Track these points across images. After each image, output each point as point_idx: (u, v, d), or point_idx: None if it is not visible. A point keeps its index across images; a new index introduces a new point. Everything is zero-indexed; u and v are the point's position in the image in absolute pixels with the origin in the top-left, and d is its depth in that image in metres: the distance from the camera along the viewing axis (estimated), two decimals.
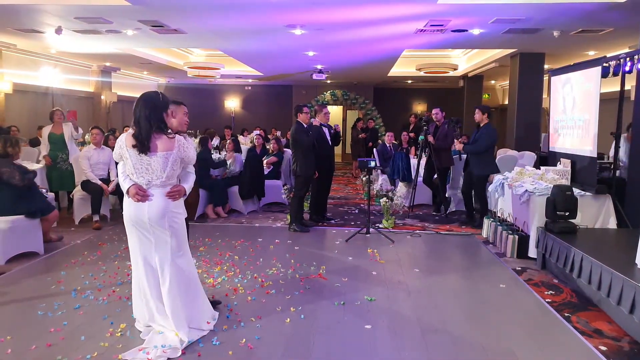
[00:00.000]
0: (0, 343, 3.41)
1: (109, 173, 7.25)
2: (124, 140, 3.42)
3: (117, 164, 3.68)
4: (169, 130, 3.47)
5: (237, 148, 8.73)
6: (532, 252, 5.60)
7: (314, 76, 13.79)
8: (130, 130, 3.43)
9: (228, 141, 9.14)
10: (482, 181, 7.09)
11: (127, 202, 3.46)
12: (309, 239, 6.59)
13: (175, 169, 3.46)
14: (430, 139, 7.88)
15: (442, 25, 8.08)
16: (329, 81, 17.52)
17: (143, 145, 3.34)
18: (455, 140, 7.71)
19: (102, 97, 14.42)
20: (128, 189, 3.42)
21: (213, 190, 7.78)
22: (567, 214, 5.11)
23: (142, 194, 3.38)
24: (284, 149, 9.49)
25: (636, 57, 5.45)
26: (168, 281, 3.46)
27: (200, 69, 13.87)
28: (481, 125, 7.20)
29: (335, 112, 17.40)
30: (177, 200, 3.51)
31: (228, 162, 8.39)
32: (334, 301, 4.27)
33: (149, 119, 3.35)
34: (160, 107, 3.43)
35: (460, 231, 7.06)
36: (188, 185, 3.60)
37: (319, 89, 18.77)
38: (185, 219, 3.66)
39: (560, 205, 5.10)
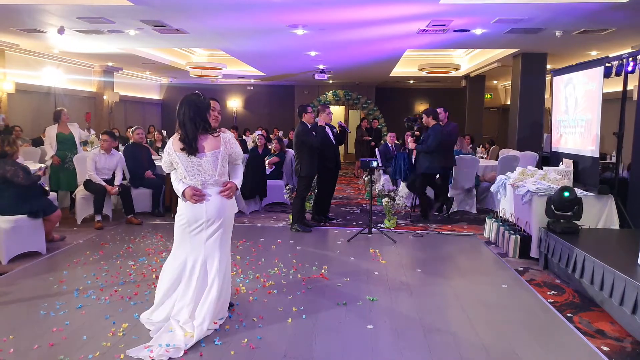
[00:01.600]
0: (3, 342, 3.41)
1: (113, 176, 7.27)
2: (171, 146, 3.51)
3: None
4: (214, 129, 3.58)
5: (243, 149, 8.75)
6: (534, 252, 5.59)
7: (316, 76, 13.79)
8: (176, 135, 3.52)
9: None
10: (427, 178, 7.63)
11: (185, 206, 3.55)
12: (311, 239, 6.59)
13: (225, 165, 3.59)
14: (410, 141, 7.86)
15: (444, 25, 8.08)
16: (331, 81, 17.52)
17: (191, 147, 3.44)
18: (410, 139, 8.00)
19: (105, 97, 14.44)
20: (183, 191, 3.51)
21: None
22: (568, 213, 5.10)
23: (199, 195, 3.49)
24: (286, 149, 9.50)
25: (639, 57, 5.44)
26: (214, 277, 3.57)
27: (203, 69, 13.87)
28: (429, 127, 7.49)
29: (337, 112, 17.39)
30: (232, 197, 3.64)
31: None
32: (335, 301, 4.27)
33: (193, 120, 3.44)
34: (203, 108, 3.53)
35: (462, 231, 7.06)
36: (239, 180, 3.73)
37: (321, 89, 18.77)
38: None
39: (557, 204, 5.11)
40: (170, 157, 3.56)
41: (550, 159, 7.49)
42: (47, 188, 6.37)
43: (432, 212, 8.06)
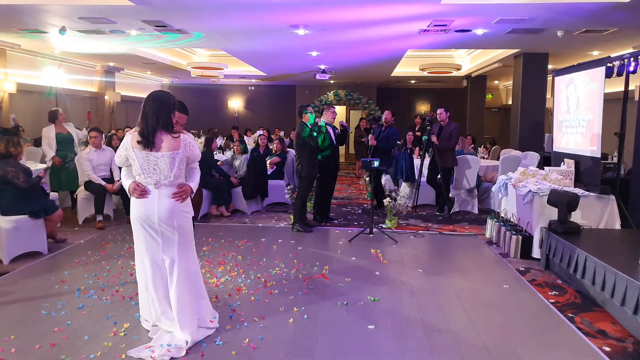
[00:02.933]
0: (5, 342, 3.42)
1: (111, 173, 7.27)
2: (129, 142, 3.40)
3: (120, 169, 3.70)
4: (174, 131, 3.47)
5: (244, 150, 8.76)
6: (536, 252, 5.59)
7: (317, 76, 13.79)
8: (135, 129, 3.42)
9: (236, 142, 9.17)
10: (381, 173, 8.30)
11: (136, 202, 3.45)
12: (312, 239, 6.59)
13: (182, 167, 3.47)
14: (434, 139, 7.88)
15: (445, 25, 8.07)
16: (332, 81, 17.52)
17: (148, 141, 3.32)
18: (370, 136, 8.27)
19: (106, 97, 14.45)
20: (129, 186, 3.46)
21: (216, 191, 7.81)
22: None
23: (140, 190, 3.39)
24: (287, 149, 9.50)
25: None
26: (176, 281, 3.47)
27: (204, 69, 13.89)
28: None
29: (338, 112, 17.35)
30: (185, 200, 3.51)
31: (236, 164, 8.43)
32: (337, 301, 4.27)
33: (157, 114, 3.35)
34: (169, 105, 3.44)
35: (463, 231, 7.05)
36: (194, 183, 3.62)
37: (322, 89, 18.77)
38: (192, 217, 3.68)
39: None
40: (127, 153, 3.41)
41: (551, 159, 7.48)
42: (48, 190, 6.36)
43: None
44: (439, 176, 8.11)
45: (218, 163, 8.42)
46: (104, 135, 7.99)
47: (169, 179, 3.41)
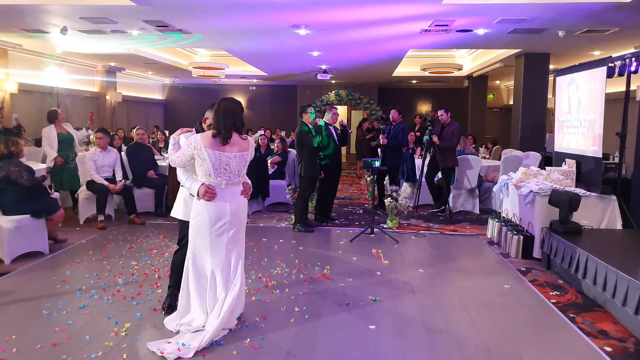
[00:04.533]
0: (6, 342, 3.42)
1: (114, 173, 7.29)
2: (200, 142, 3.44)
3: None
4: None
5: None
6: (537, 252, 5.59)
7: (319, 76, 13.79)
8: (205, 132, 3.55)
9: None
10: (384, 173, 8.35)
11: (206, 205, 3.48)
12: (313, 239, 6.59)
13: (246, 167, 3.64)
14: (435, 139, 7.88)
15: (447, 25, 8.07)
16: (333, 81, 17.51)
17: (226, 141, 3.44)
18: (381, 135, 8.36)
19: (107, 97, 14.45)
20: (198, 189, 3.47)
21: None
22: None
23: (212, 193, 3.46)
24: (288, 149, 9.50)
25: None
26: (239, 279, 3.61)
27: (205, 69, 13.89)
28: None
29: (339, 112, 17.35)
30: (249, 197, 3.72)
31: None
32: (338, 301, 4.27)
33: (233, 115, 3.51)
34: (241, 108, 3.65)
35: (465, 232, 7.05)
36: (248, 181, 3.79)
37: (324, 89, 18.76)
38: None
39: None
40: (196, 152, 3.44)
41: (553, 159, 7.48)
42: (52, 192, 6.36)
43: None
44: (437, 175, 8.14)
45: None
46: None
47: (237, 178, 3.55)
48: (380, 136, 8.31)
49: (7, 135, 6.24)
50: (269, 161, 8.94)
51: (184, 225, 3.82)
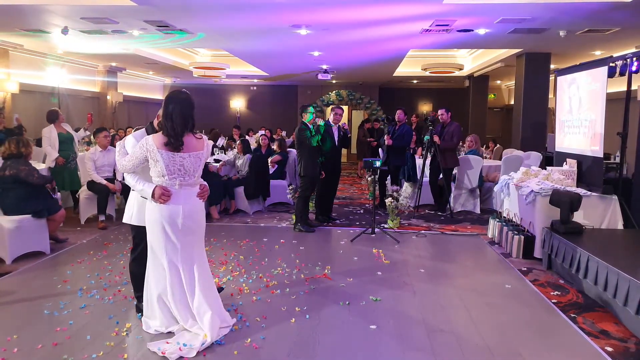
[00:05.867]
0: (7, 342, 3.43)
1: (114, 173, 7.29)
2: (152, 143, 3.32)
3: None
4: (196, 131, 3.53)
5: (246, 149, 8.72)
6: (538, 252, 5.59)
7: (319, 76, 13.79)
8: (160, 133, 3.40)
9: (238, 142, 9.15)
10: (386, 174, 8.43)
11: (158, 205, 3.38)
12: (314, 239, 6.59)
13: (202, 167, 3.54)
14: (437, 139, 7.88)
15: (447, 25, 8.07)
16: (334, 81, 17.51)
17: (177, 142, 3.31)
18: (385, 136, 8.32)
19: (108, 97, 14.47)
20: (153, 191, 3.36)
21: (211, 189, 7.78)
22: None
23: (167, 195, 3.35)
24: (289, 149, 9.49)
25: None
26: (201, 283, 3.51)
27: (206, 69, 13.90)
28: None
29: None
30: (205, 199, 3.61)
31: (238, 163, 8.44)
32: (339, 301, 4.27)
33: (184, 115, 3.36)
34: (192, 105, 3.48)
35: (465, 231, 7.05)
36: (204, 183, 3.68)
37: (324, 89, 18.76)
38: None
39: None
40: (149, 154, 3.32)
41: (554, 159, 7.47)
42: (56, 195, 6.38)
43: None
44: (440, 177, 8.13)
45: (220, 163, 8.49)
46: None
47: (193, 179, 3.45)
48: (385, 137, 8.27)
49: (17, 137, 6.26)
50: (269, 160, 8.93)
51: (139, 231, 3.71)
